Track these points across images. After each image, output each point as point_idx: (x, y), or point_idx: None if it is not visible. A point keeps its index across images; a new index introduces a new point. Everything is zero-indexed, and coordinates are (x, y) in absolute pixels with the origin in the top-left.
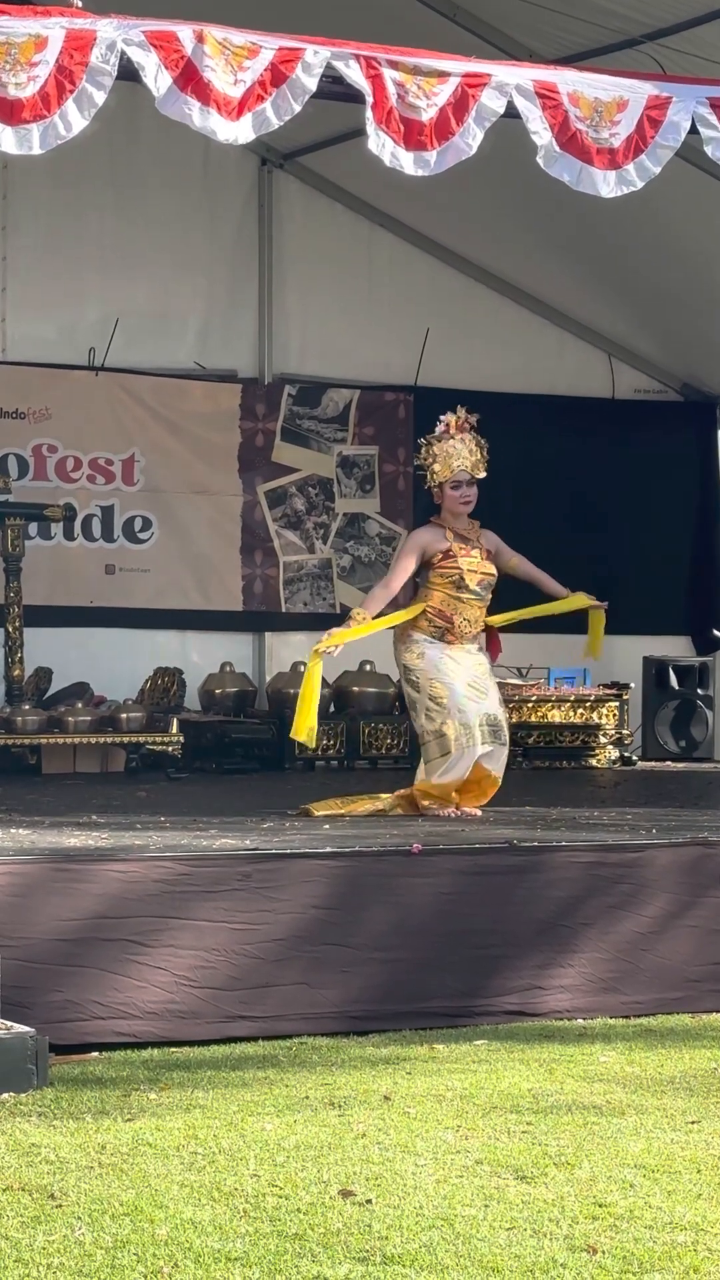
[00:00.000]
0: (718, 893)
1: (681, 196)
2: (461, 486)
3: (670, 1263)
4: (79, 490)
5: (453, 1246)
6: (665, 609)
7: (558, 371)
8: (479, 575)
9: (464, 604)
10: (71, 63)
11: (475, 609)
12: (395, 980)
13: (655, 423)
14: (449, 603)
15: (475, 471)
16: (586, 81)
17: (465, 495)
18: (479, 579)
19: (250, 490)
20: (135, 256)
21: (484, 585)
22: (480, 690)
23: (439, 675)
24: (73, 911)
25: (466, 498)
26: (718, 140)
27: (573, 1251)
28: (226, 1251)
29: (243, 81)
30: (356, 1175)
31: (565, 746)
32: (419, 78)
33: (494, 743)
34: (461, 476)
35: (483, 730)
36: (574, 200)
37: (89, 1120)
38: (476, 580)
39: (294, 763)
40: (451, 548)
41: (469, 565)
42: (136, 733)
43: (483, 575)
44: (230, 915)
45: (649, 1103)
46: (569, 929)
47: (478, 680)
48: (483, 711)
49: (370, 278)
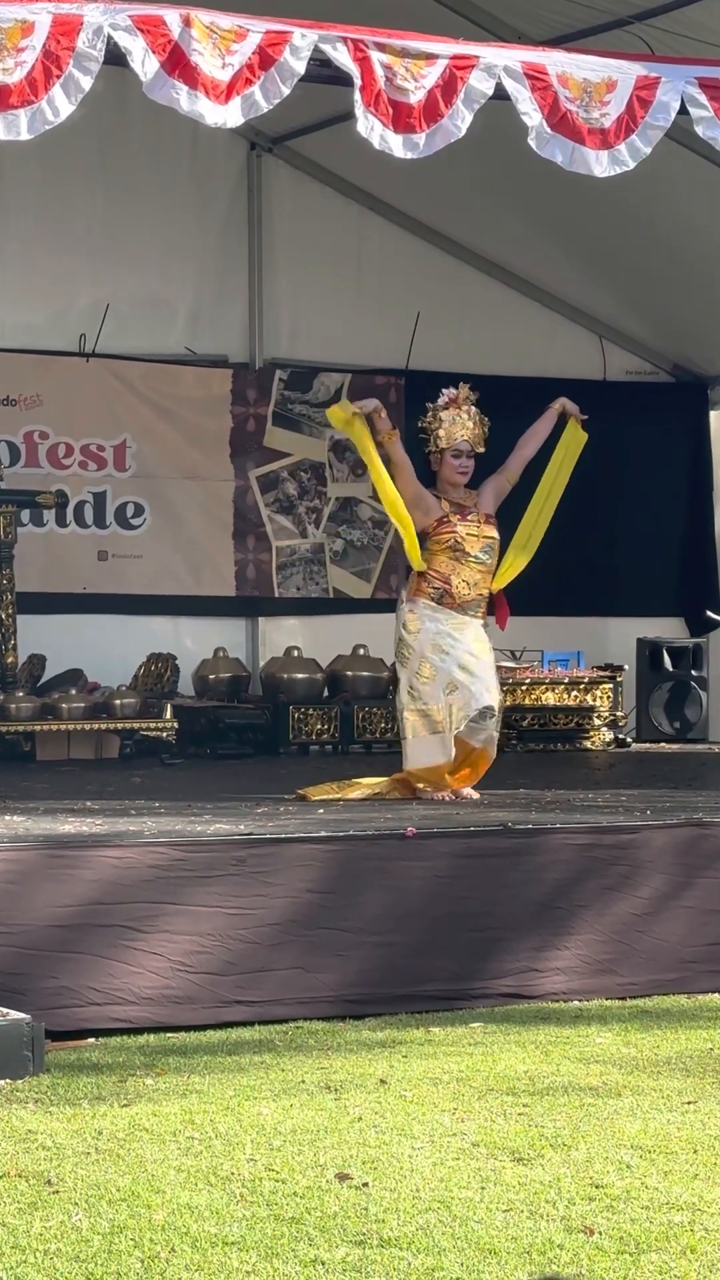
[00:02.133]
0: (712, 873)
1: (671, 178)
2: (461, 457)
3: (667, 1243)
4: (71, 477)
5: (449, 1229)
6: (659, 591)
7: (549, 354)
8: (479, 540)
9: (463, 566)
10: (58, 47)
11: (475, 572)
12: (391, 964)
13: (646, 404)
14: (448, 564)
15: (475, 444)
16: (575, 62)
17: (464, 465)
18: (480, 544)
19: (242, 475)
20: (125, 242)
21: (485, 550)
22: (472, 673)
23: (431, 655)
24: (68, 898)
25: (464, 468)
26: (707, 120)
27: (570, 1233)
28: (223, 1236)
29: (230, 65)
30: (353, 1159)
31: (560, 729)
32: (407, 60)
33: (480, 720)
34: (462, 447)
35: (471, 710)
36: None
37: (85, 1106)
38: (477, 546)
39: (288, 748)
40: (447, 515)
41: (467, 531)
42: (130, 719)
43: (484, 540)
44: (225, 900)
45: (645, 1084)
46: (564, 911)
47: (472, 661)
48: (473, 696)
49: (360, 261)
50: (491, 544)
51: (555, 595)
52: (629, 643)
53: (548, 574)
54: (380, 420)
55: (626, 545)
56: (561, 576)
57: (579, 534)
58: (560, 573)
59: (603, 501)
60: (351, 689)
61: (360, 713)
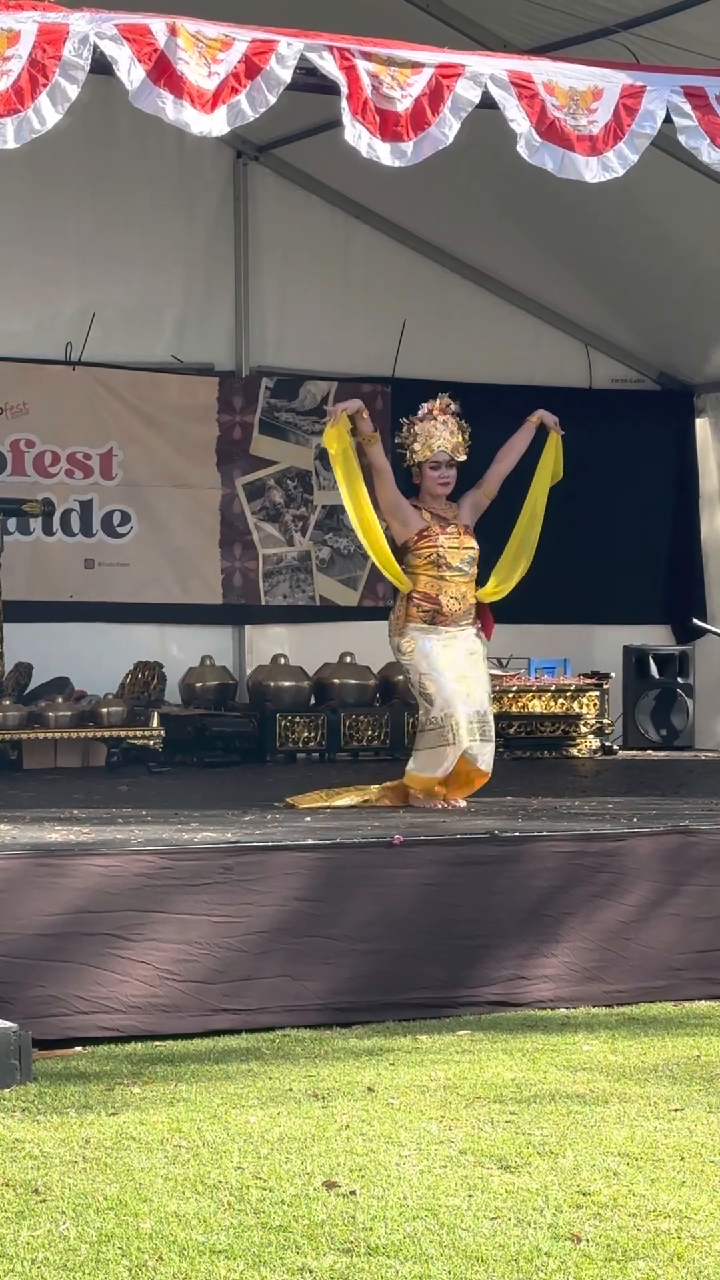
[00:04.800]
0: (699, 881)
1: (657, 186)
2: (440, 467)
3: (654, 1250)
4: (57, 485)
5: (437, 1237)
6: (645, 598)
7: (535, 361)
8: (460, 552)
9: (448, 582)
10: (45, 56)
11: (460, 585)
12: (378, 971)
13: (633, 412)
14: (433, 584)
15: (456, 454)
16: (561, 71)
17: (444, 476)
18: (461, 556)
19: (229, 483)
20: (111, 250)
21: (466, 561)
22: (469, 682)
23: (430, 670)
24: (55, 906)
25: (445, 479)
26: (691, 128)
27: (557, 1240)
28: (211, 1244)
29: (216, 74)
30: (340, 1167)
31: (546, 736)
32: (393, 68)
33: (481, 739)
34: (441, 457)
35: (470, 727)
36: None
37: (73, 1115)
38: (459, 558)
39: (275, 756)
40: (429, 528)
41: (448, 543)
42: (117, 727)
43: (465, 552)
44: (212, 908)
45: (632, 1091)
46: (551, 918)
47: (467, 671)
48: (471, 709)
49: (347, 269)
50: (472, 555)
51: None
52: (615, 650)
53: (534, 581)
54: (362, 421)
55: (613, 552)
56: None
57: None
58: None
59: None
60: (338, 697)
61: (347, 720)
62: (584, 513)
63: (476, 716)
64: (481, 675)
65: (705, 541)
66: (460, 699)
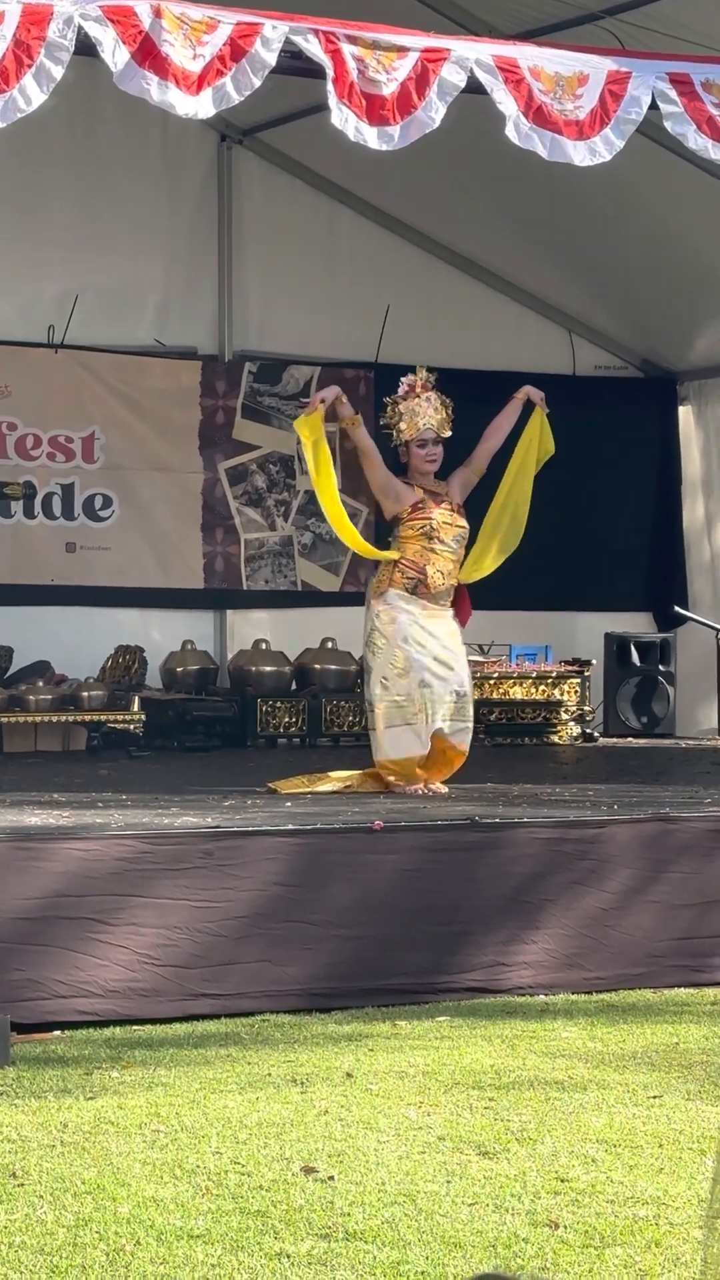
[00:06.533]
0: (679, 868)
1: (642, 173)
2: (428, 445)
3: (632, 1237)
4: (39, 468)
5: (415, 1222)
6: (627, 586)
7: (518, 348)
8: (453, 529)
9: (437, 555)
10: (29, 37)
11: (447, 561)
12: (357, 957)
13: (616, 399)
14: (422, 554)
15: (441, 430)
16: (546, 56)
17: (431, 454)
18: (453, 532)
19: (211, 467)
20: (94, 233)
21: (456, 539)
22: (447, 665)
23: (406, 646)
24: (34, 890)
25: (433, 456)
26: (676, 115)
27: (535, 1226)
28: (189, 1229)
29: (202, 56)
30: (319, 1152)
31: (527, 723)
32: (378, 52)
33: (459, 718)
34: (427, 435)
35: (447, 707)
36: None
37: (51, 1099)
38: (450, 534)
39: (256, 741)
40: (423, 500)
41: (441, 518)
42: (98, 711)
43: (456, 529)
44: (192, 893)
45: (610, 1078)
46: (531, 905)
47: (446, 653)
48: (450, 689)
49: (330, 254)
50: (462, 534)
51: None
52: (597, 637)
53: (516, 568)
54: (342, 406)
55: (595, 540)
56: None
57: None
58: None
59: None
60: (319, 682)
61: (328, 706)
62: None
63: (456, 696)
64: (460, 657)
65: (687, 529)
66: (437, 677)
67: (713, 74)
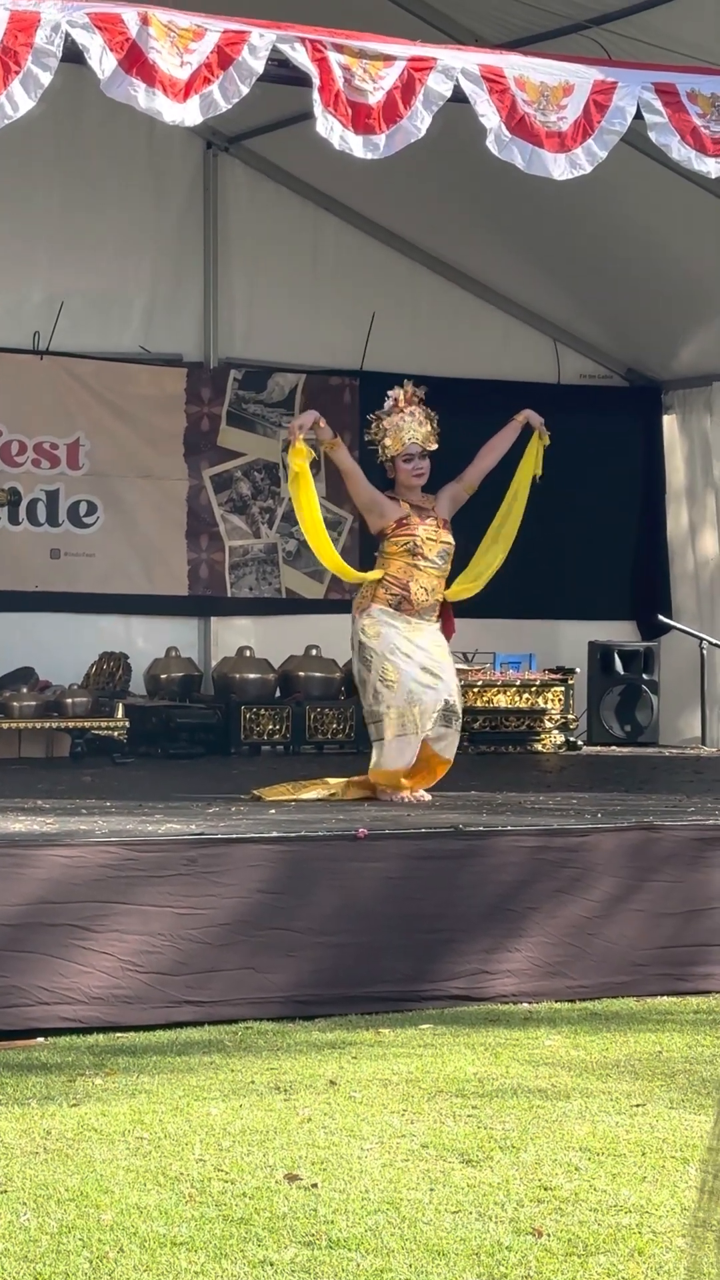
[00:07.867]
0: (662, 877)
1: (625, 182)
2: (414, 459)
3: (615, 1245)
4: (23, 474)
5: (398, 1230)
6: (611, 595)
7: (503, 356)
8: (437, 545)
9: (421, 572)
10: (16, 44)
11: (432, 578)
12: (341, 965)
13: (600, 408)
14: (405, 570)
15: (427, 444)
16: (532, 66)
17: (418, 468)
18: (437, 549)
19: (196, 474)
20: (80, 240)
21: (441, 555)
22: (435, 675)
23: (393, 657)
24: (17, 896)
25: (419, 470)
26: (661, 125)
27: (518, 1234)
28: (172, 1236)
29: (189, 64)
30: (302, 1160)
31: (511, 731)
32: (365, 61)
33: (444, 727)
34: (413, 449)
35: (435, 716)
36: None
37: (34, 1106)
38: (435, 550)
39: (240, 748)
40: (408, 516)
41: (425, 534)
42: (82, 718)
43: (441, 545)
44: (175, 900)
45: (594, 1086)
46: (515, 913)
47: (433, 664)
48: (439, 699)
49: (316, 262)
50: (447, 550)
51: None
52: (581, 646)
53: (501, 576)
54: (320, 430)
55: (579, 548)
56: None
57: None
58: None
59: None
60: (303, 689)
61: (312, 713)
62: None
63: (445, 705)
64: (448, 667)
65: (671, 538)
66: (425, 688)
67: (699, 84)
